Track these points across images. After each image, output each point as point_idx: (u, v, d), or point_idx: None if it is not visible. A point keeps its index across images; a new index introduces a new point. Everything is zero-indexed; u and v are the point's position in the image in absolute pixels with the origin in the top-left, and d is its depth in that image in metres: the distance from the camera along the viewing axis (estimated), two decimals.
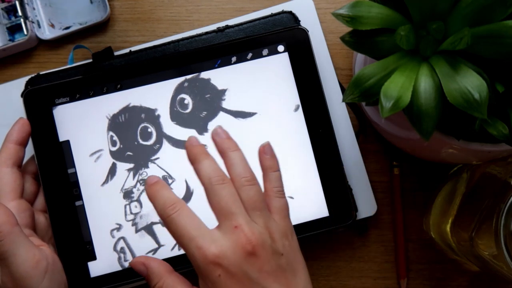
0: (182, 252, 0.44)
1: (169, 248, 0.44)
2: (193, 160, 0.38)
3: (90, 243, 0.44)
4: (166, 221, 0.36)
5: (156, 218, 0.45)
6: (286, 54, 0.46)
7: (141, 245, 0.44)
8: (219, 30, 0.48)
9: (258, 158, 0.40)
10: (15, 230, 0.38)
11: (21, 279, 0.38)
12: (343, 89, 0.48)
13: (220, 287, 0.34)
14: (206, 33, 0.48)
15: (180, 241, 0.35)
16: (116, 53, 0.48)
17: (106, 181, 0.45)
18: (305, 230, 0.44)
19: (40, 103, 0.45)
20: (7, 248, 0.38)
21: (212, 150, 0.45)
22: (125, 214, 0.45)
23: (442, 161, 0.43)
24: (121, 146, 0.45)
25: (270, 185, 0.38)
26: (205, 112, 0.45)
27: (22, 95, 0.45)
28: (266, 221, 0.36)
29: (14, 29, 0.50)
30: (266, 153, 0.40)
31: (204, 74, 0.46)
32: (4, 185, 0.42)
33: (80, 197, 0.44)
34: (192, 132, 0.45)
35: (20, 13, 0.49)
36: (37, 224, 0.43)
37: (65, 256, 0.43)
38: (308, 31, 0.46)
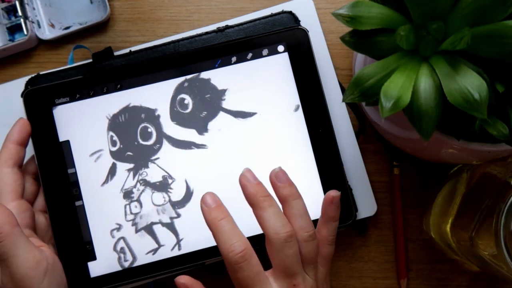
0: (181, 252, 0.44)
1: (169, 248, 0.44)
2: (253, 204, 0.38)
3: (90, 243, 0.44)
4: (232, 267, 0.36)
5: (156, 218, 0.45)
6: (286, 54, 0.46)
7: (141, 245, 0.44)
8: (219, 30, 0.48)
9: (322, 206, 0.41)
10: (15, 231, 0.38)
11: (21, 280, 0.38)
12: (343, 89, 0.48)
13: None
14: (206, 33, 0.48)
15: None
16: (116, 53, 0.48)
17: (106, 181, 0.45)
18: None
19: (40, 103, 0.45)
20: (7, 249, 0.38)
21: (213, 150, 0.45)
22: (125, 214, 0.45)
23: (442, 161, 0.43)
24: (121, 146, 0.45)
25: (327, 232, 0.41)
26: (205, 112, 0.45)
27: (22, 95, 0.45)
28: (316, 272, 0.39)
29: (14, 29, 0.50)
30: (333, 203, 0.40)
31: (204, 74, 0.46)
32: (5, 185, 0.42)
33: (80, 197, 0.44)
34: (192, 132, 0.45)
35: (20, 13, 0.49)
36: (37, 224, 0.43)
37: (65, 256, 0.43)
38: (308, 31, 0.46)
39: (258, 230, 0.43)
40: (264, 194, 0.38)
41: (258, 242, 0.41)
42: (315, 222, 0.43)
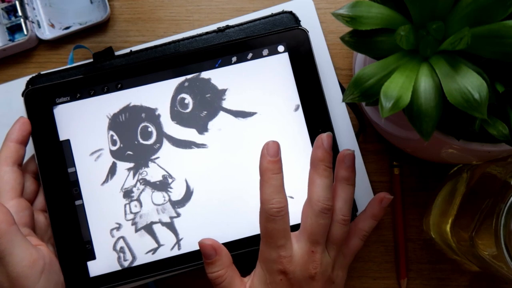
0: (181, 252, 0.44)
1: (169, 248, 0.44)
2: (315, 167, 0.40)
3: (89, 242, 0.44)
4: (266, 216, 0.39)
5: (155, 217, 0.45)
6: (286, 54, 0.46)
7: (141, 244, 0.44)
8: (219, 30, 0.48)
9: (370, 202, 0.44)
10: (12, 229, 0.38)
11: (17, 279, 0.38)
12: (343, 89, 0.48)
13: (276, 287, 0.40)
14: (207, 33, 0.48)
15: (266, 239, 0.39)
16: (116, 53, 0.48)
17: (106, 181, 0.45)
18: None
19: (40, 103, 0.45)
20: (4, 247, 0.38)
21: (213, 149, 0.45)
22: (125, 214, 0.45)
23: (442, 161, 0.43)
24: (121, 145, 0.45)
25: (363, 226, 0.43)
26: (205, 112, 0.45)
27: (23, 95, 0.45)
28: (336, 255, 0.41)
29: (14, 29, 0.50)
30: (382, 203, 0.43)
31: (205, 74, 0.46)
32: (4, 183, 0.42)
33: (80, 196, 0.44)
34: (193, 132, 0.45)
35: (20, 13, 0.49)
36: (36, 223, 0.43)
37: (65, 255, 0.43)
38: (308, 31, 0.46)
39: (258, 230, 0.43)
40: (328, 165, 0.40)
41: (257, 242, 0.41)
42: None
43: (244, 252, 0.44)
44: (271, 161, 0.39)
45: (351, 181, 0.41)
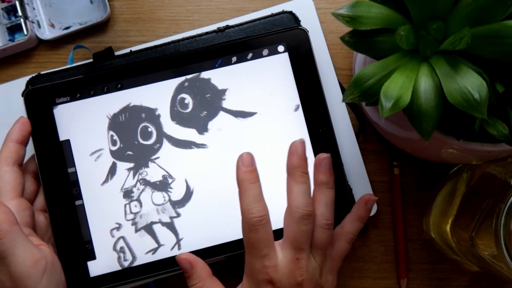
0: (181, 252, 0.44)
1: (169, 248, 0.44)
2: (291, 174, 0.40)
3: (89, 242, 0.44)
4: (247, 226, 0.38)
5: (155, 217, 0.45)
6: (286, 54, 0.46)
7: (141, 244, 0.44)
8: (219, 30, 0.48)
9: (356, 204, 0.43)
10: (14, 229, 0.38)
11: (20, 278, 0.38)
12: (343, 89, 0.48)
13: None
14: (207, 33, 0.48)
15: (249, 250, 0.39)
16: (116, 53, 0.48)
17: (106, 181, 0.45)
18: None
19: (40, 103, 0.45)
20: (6, 247, 0.38)
21: (213, 149, 0.45)
22: (125, 214, 0.45)
23: (442, 161, 0.43)
24: (121, 145, 0.45)
25: (350, 229, 0.42)
26: (205, 112, 0.45)
27: (22, 95, 0.45)
28: (323, 260, 0.40)
29: (14, 29, 0.50)
30: (367, 205, 0.43)
31: (205, 74, 0.46)
32: (5, 183, 0.42)
33: (80, 197, 0.44)
34: (193, 132, 0.45)
35: (20, 13, 0.49)
36: (36, 223, 0.43)
37: (65, 255, 0.43)
38: (308, 31, 0.46)
39: None
40: (304, 171, 0.40)
41: None
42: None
43: (243, 252, 0.44)
44: (247, 171, 0.39)
45: (330, 184, 0.41)
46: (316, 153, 0.45)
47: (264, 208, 0.38)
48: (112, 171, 0.45)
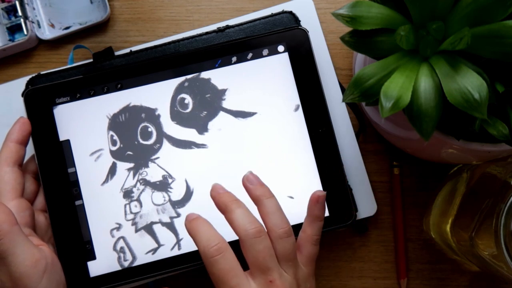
0: (181, 252, 0.44)
1: (169, 248, 0.44)
2: (224, 210, 0.39)
3: (89, 242, 0.44)
4: (208, 261, 0.37)
5: (155, 217, 0.45)
6: (286, 54, 0.46)
7: (141, 244, 0.44)
8: (219, 30, 0.48)
9: (308, 205, 0.41)
10: (14, 229, 0.38)
11: (20, 279, 0.38)
12: (343, 89, 0.48)
13: None
14: (207, 33, 0.48)
15: (218, 284, 0.37)
16: (116, 53, 0.48)
17: (106, 181, 0.45)
18: None
19: (40, 103, 0.45)
20: (6, 247, 0.38)
21: (213, 149, 0.45)
22: (125, 214, 0.45)
23: (442, 161, 0.43)
24: (121, 145, 0.45)
25: (312, 231, 0.41)
26: (205, 112, 0.45)
27: (22, 95, 0.45)
28: (295, 271, 0.39)
29: (14, 29, 0.50)
30: (318, 202, 0.41)
31: (205, 74, 0.46)
32: (5, 184, 0.42)
33: (80, 197, 0.44)
34: (193, 132, 0.45)
35: (20, 13, 0.49)
36: (36, 223, 0.43)
37: (65, 255, 0.43)
38: (308, 31, 0.46)
39: None
40: (232, 199, 0.39)
41: None
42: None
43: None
44: (190, 214, 0.39)
45: (267, 194, 0.39)
46: (316, 153, 0.45)
47: (218, 236, 0.38)
48: (112, 171, 0.45)
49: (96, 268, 0.44)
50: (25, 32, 0.49)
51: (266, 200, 0.39)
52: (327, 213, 0.45)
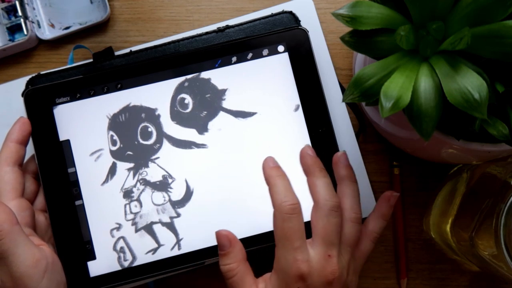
0: (181, 252, 0.44)
1: (169, 248, 0.44)
2: (310, 173, 0.40)
3: (89, 242, 0.44)
4: (280, 216, 0.38)
5: (155, 217, 0.45)
6: (286, 54, 0.46)
7: (141, 244, 0.44)
8: (219, 30, 0.48)
9: (379, 201, 0.43)
10: (15, 229, 0.38)
11: (21, 278, 0.38)
12: (343, 89, 0.48)
13: None
14: (207, 33, 0.48)
15: (282, 241, 0.38)
16: (116, 53, 0.48)
17: (106, 181, 0.45)
18: (305, 230, 0.44)
19: (40, 103, 0.45)
20: (7, 247, 0.38)
21: (213, 149, 0.45)
22: (125, 214, 0.45)
23: (442, 161, 0.43)
24: (121, 145, 0.45)
25: (373, 227, 0.42)
26: (205, 112, 0.45)
27: (22, 95, 0.45)
28: (350, 258, 0.40)
29: (14, 29, 0.50)
30: (389, 202, 0.42)
31: (205, 74, 0.46)
32: (5, 184, 0.42)
33: (80, 197, 0.44)
34: (193, 132, 0.45)
35: (20, 13, 0.49)
36: (37, 223, 0.43)
37: (65, 255, 0.43)
38: (308, 31, 0.46)
39: (260, 229, 0.43)
40: (321, 167, 0.41)
41: (261, 240, 0.41)
42: (308, 223, 0.42)
43: (246, 252, 0.44)
44: (272, 168, 0.40)
45: (353, 178, 0.41)
46: (316, 153, 0.45)
47: (296, 198, 0.39)
48: (112, 171, 0.45)
49: (96, 268, 0.44)
50: (25, 32, 0.49)
51: (351, 182, 0.41)
52: None
